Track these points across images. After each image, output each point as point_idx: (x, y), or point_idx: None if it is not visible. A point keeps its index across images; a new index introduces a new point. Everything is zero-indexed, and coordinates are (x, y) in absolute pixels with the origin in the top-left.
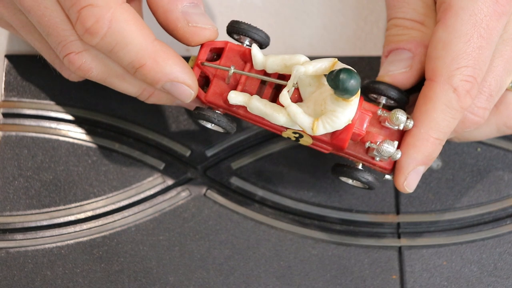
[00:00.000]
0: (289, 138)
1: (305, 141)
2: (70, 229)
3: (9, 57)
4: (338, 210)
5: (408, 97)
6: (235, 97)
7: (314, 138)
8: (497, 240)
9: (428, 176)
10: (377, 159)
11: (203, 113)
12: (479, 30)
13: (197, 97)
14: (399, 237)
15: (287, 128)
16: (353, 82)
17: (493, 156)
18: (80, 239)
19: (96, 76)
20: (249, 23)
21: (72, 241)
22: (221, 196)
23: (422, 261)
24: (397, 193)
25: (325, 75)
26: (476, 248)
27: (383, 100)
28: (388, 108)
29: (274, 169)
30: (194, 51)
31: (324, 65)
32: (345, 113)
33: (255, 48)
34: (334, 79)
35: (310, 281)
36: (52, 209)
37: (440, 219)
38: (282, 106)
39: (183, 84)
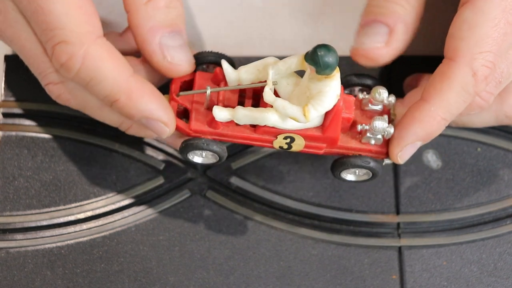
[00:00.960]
0: (281, 148)
1: (298, 144)
2: (70, 229)
3: (9, 57)
4: (338, 210)
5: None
6: (220, 112)
7: (306, 137)
8: (497, 240)
9: (428, 176)
10: (372, 142)
11: (191, 142)
12: (507, 16)
13: (181, 130)
14: (399, 237)
15: (276, 136)
16: (331, 55)
17: (493, 156)
18: (80, 239)
19: (75, 105)
20: (211, 51)
21: (72, 241)
22: (221, 196)
23: (422, 261)
24: (397, 193)
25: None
26: (476, 248)
27: (359, 92)
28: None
29: (274, 169)
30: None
31: (295, 60)
32: (331, 89)
33: (225, 63)
34: (312, 55)
35: (310, 281)
36: (52, 209)
37: (440, 219)
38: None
39: (157, 121)
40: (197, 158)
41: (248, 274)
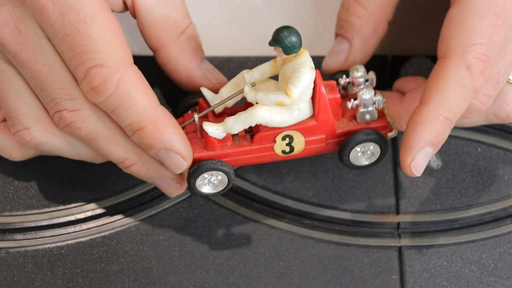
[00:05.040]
0: (284, 153)
1: (298, 142)
2: (70, 229)
3: None
4: (338, 210)
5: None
6: (210, 126)
7: (303, 131)
8: (497, 240)
9: (428, 176)
10: (367, 118)
11: (197, 168)
12: (495, 9)
13: None
14: (399, 237)
15: (275, 140)
16: (293, 33)
17: (493, 156)
18: (80, 239)
19: (84, 135)
20: (189, 96)
21: (72, 241)
22: (221, 196)
23: (422, 261)
24: (397, 193)
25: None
26: (476, 248)
27: (340, 80)
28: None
29: (274, 169)
30: None
31: (267, 65)
32: (304, 63)
33: (204, 90)
34: (275, 37)
35: (310, 281)
36: (52, 209)
37: (440, 219)
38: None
39: (177, 154)
40: (206, 187)
41: (248, 274)
